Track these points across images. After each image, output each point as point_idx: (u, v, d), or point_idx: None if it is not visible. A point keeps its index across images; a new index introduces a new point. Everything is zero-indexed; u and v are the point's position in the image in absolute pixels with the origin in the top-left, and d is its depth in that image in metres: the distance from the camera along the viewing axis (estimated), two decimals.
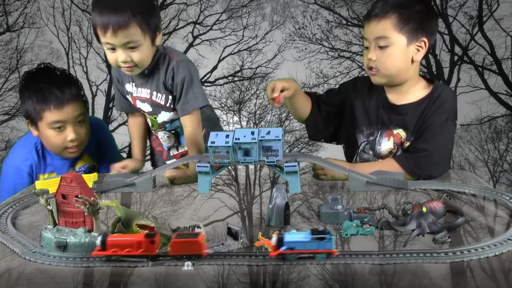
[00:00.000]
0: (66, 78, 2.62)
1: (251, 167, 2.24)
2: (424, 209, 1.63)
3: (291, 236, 1.44)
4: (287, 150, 12.29)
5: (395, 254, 1.44)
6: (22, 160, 2.67)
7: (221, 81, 13.00)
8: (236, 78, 13.12)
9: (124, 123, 12.70)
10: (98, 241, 1.47)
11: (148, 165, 2.89)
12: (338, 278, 1.37)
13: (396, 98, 2.42)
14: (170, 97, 2.42)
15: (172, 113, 2.49)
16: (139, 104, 2.51)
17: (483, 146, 12.30)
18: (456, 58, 11.71)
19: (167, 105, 2.45)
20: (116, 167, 2.50)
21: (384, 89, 2.45)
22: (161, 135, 2.62)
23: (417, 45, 2.31)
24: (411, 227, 1.62)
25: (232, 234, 1.58)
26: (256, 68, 12.99)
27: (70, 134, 2.55)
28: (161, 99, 2.44)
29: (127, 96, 2.55)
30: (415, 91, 2.39)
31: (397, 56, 2.30)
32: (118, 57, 2.29)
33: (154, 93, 2.44)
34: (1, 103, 12.26)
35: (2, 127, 12.18)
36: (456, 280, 1.39)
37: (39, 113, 2.52)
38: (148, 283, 1.37)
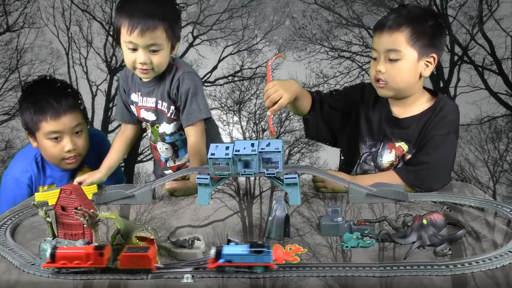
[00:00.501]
0: (64, 89, 2.62)
1: None
2: (425, 221, 1.63)
3: (229, 249, 1.46)
4: (287, 150, 12.29)
5: (396, 267, 1.44)
6: (22, 171, 2.67)
7: (221, 81, 12.99)
8: (236, 78, 13.11)
9: None
10: (48, 253, 1.48)
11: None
12: (338, 279, 1.38)
13: (400, 111, 2.40)
14: (172, 107, 2.44)
15: (172, 124, 2.49)
16: (143, 114, 2.52)
17: (483, 146, 12.28)
18: (456, 58, 11.70)
19: (168, 114, 2.46)
20: (76, 180, 2.50)
21: (389, 101, 2.43)
22: (160, 146, 2.61)
23: (427, 61, 2.29)
24: (411, 239, 1.62)
25: None
26: (256, 68, 12.96)
27: (67, 144, 2.54)
28: (164, 107, 2.46)
29: (131, 106, 2.56)
30: (419, 104, 2.38)
31: (406, 70, 2.28)
32: (137, 57, 2.33)
33: (160, 101, 2.46)
34: (1, 103, 12.24)
35: (2, 127, 12.16)
36: None
37: (36, 124, 2.53)
38: (148, 283, 1.39)
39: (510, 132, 12.04)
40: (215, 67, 12.83)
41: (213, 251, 1.45)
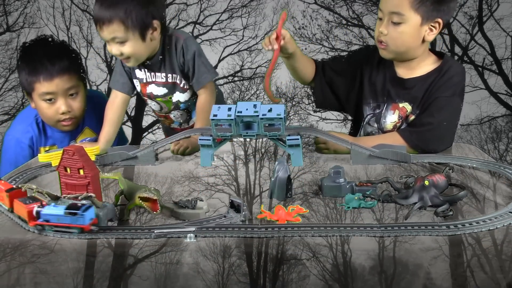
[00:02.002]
0: (60, 50, 2.61)
1: (251, 167, 2.24)
2: (427, 182, 1.64)
3: (48, 209, 1.50)
4: None
5: (397, 227, 1.45)
6: (23, 132, 2.68)
7: (221, 81, 12.98)
8: (236, 78, 13.10)
9: (124, 123, 12.69)
10: None
11: None
12: (338, 278, 1.37)
13: (405, 72, 2.39)
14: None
15: (186, 93, 2.58)
16: (152, 89, 2.58)
17: (483, 146, 12.27)
18: (456, 58, 11.71)
19: (181, 85, 2.54)
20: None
21: (393, 62, 2.42)
22: (174, 114, 2.70)
23: (431, 25, 2.26)
24: (413, 200, 1.63)
25: (234, 207, 1.58)
26: (256, 68, 12.95)
27: (61, 106, 2.54)
28: (177, 79, 2.53)
29: (135, 81, 2.60)
30: (424, 66, 2.36)
31: (409, 34, 2.25)
32: (111, 50, 2.40)
33: (170, 75, 2.52)
34: (1, 103, 12.23)
35: (2, 127, 12.14)
36: (455, 252, 1.39)
37: (31, 84, 2.53)
38: (148, 283, 1.36)
39: (510, 132, 12.03)
40: (215, 67, 12.81)
41: (35, 210, 1.50)
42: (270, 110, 1.77)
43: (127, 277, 1.39)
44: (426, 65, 2.36)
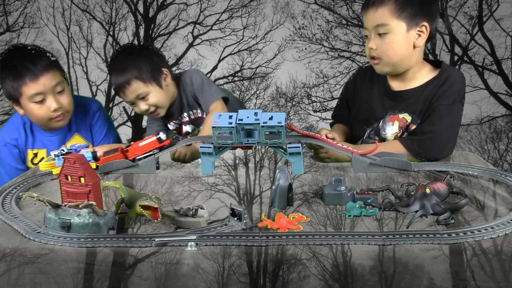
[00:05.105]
0: (37, 52, 2.64)
1: (251, 166, 2.24)
2: (428, 190, 1.63)
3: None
4: None
5: (398, 235, 1.45)
6: (9, 134, 2.75)
7: (221, 81, 12.99)
8: (236, 78, 13.12)
9: (124, 123, 12.71)
10: None
11: None
12: (338, 278, 1.37)
13: (400, 85, 2.41)
14: None
15: None
16: (184, 129, 2.77)
17: (483, 146, 12.28)
18: (456, 58, 11.72)
19: (204, 115, 2.67)
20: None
21: (387, 78, 2.44)
22: None
23: (418, 30, 2.29)
24: (414, 208, 1.62)
25: (235, 215, 1.58)
26: (256, 68, 12.99)
27: (52, 104, 2.58)
28: (198, 113, 2.71)
29: (173, 131, 2.79)
30: (420, 76, 2.38)
31: (397, 42, 2.28)
32: (140, 108, 2.59)
33: (191, 112, 2.71)
34: (1, 103, 12.24)
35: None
36: (457, 261, 1.39)
37: (18, 90, 2.56)
38: (148, 283, 1.36)
39: (510, 132, 12.04)
40: (215, 67, 12.85)
41: None
42: (271, 118, 1.78)
43: (127, 277, 1.39)
44: (422, 76, 2.38)
